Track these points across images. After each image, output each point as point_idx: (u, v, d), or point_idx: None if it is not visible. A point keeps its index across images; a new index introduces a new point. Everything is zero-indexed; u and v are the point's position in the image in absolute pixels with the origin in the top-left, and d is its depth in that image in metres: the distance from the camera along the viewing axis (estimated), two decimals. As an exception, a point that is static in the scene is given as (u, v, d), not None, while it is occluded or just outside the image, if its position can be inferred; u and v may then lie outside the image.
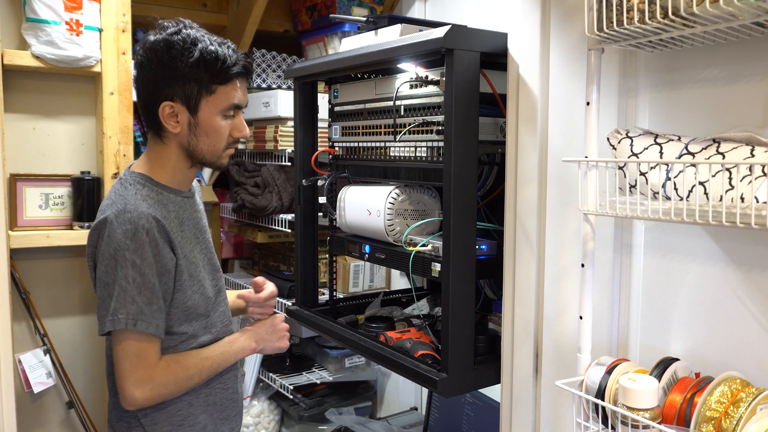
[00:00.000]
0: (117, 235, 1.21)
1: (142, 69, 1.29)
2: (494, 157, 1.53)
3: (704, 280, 1.09)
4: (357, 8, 2.27)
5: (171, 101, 1.27)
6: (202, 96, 1.28)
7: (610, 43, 1.05)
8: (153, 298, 1.23)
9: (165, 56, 1.25)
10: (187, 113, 1.28)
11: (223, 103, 1.30)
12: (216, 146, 1.33)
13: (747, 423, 0.90)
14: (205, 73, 1.26)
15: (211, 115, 1.30)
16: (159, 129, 1.31)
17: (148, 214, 1.23)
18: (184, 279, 1.30)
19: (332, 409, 2.32)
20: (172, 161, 1.34)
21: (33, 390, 1.99)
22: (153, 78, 1.27)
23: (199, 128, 1.30)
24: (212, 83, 1.28)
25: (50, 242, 1.99)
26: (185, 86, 1.26)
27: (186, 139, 1.31)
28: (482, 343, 1.46)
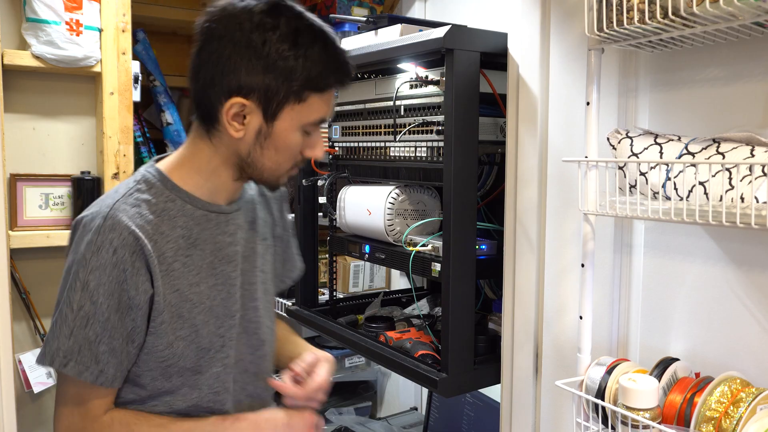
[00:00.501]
0: (79, 246, 0.96)
1: (213, 40, 0.94)
2: (494, 157, 1.53)
3: (704, 280, 1.09)
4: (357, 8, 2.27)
5: (245, 98, 0.94)
6: (287, 102, 0.96)
7: (610, 43, 1.05)
8: (103, 337, 0.94)
9: (256, 32, 0.92)
10: (261, 118, 0.96)
11: (310, 116, 0.98)
12: (282, 165, 1.02)
13: (747, 423, 0.90)
14: (304, 71, 0.94)
15: (291, 127, 0.98)
16: (213, 124, 0.98)
17: (124, 227, 0.94)
18: (163, 319, 0.98)
19: (332, 409, 2.31)
20: (212, 165, 1.02)
21: (33, 390, 1.99)
22: (227, 57, 0.93)
23: (269, 140, 0.98)
24: (306, 89, 0.96)
25: (50, 242, 1.98)
26: (271, 83, 0.94)
27: (247, 149, 0.99)
28: (482, 343, 1.46)
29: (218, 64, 0.94)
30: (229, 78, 0.94)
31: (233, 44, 0.93)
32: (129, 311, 0.96)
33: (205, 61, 0.96)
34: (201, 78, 0.97)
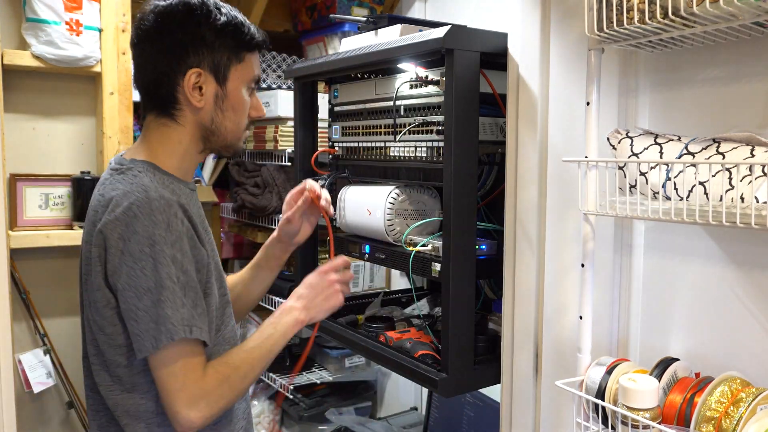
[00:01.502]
0: (147, 228, 1.01)
1: (152, 36, 1.10)
2: (494, 157, 1.53)
3: (704, 280, 1.09)
4: (357, 8, 2.27)
5: (198, 68, 1.10)
6: (231, 64, 1.13)
7: (610, 43, 1.05)
8: (197, 300, 1.05)
9: (187, 20, 1.09)
10: (215, 84, 1.12)
11: (250, 73, 1.16)
12: (239, 125, 1.17)
13: (747, 423, 0.90)
14: (233, 38, 1.12)
15: (239, 86, 1.15)
16: (173, 106, 1.12)
17: (175, 202, 1.05)
18: (209, 279, 1.12)
19: (332, 409, 2.32)
20: (183, 145, 1.15)
21: (33, 390, 1.99)
22: (172, 45, 1.09)
23: (226, 101, 1.14)
24: (241, 50, 1.14)
25: (50, 242, 1.99)
26: (214, 53, 1.11)
27: (209, 116, 1.14)
28: (482, 343, 1.46)
29: (166, 52, 1.10)
30: (179, 59, 1.10)
31: (171, 34, 1.09)
32: (200, 272, 1.08)
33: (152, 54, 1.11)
34: (151, 69, 1.11)
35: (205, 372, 1.05)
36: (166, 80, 1.11)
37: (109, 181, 1.10)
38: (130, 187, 1.05)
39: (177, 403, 1.02)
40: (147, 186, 1.05)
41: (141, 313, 1.01)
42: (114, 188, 1.06)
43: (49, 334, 2.07)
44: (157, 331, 1.00)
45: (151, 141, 1.15)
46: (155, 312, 1.00)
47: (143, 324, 1.01)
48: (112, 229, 1.02)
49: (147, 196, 1.03)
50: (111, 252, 1.02)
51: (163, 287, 1.00)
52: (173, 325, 1.00)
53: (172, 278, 1.01)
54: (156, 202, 1.02)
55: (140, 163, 1.11)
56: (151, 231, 1.01)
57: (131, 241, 1.00)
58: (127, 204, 1.02)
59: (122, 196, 1.04)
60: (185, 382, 1.03)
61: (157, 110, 1.14)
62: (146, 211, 1.01)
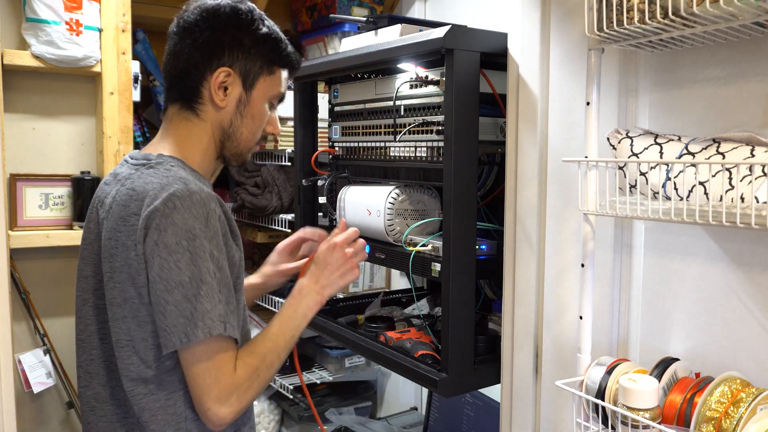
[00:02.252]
0: (187, 221, 0.98)
1: (193, 28, 1.11)
2: (494, 157, 1.53)
3: (704, 280, 1.09)
4: (357, 8, 2.27)
5: (230, 68, 1.12)
6: (262, 74, 1.15)
7: (610, 43, 1.05)
8: (230, 297, 1.04)
9: (230, 21, 1.11)
10: (241, 88, 1.13)
11: (275, 88, 1.18)
12: (255, 134, 1.18)
13: (747, 423, 0.90)
14: (270, 50, 1.14)
15: (263, 97, 1.16)
16: (196, 99, 1.13)
17: (213, 197, 1.04)
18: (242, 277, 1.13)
19: (332, 409, 2.32)
20: (203, 143, 1.15)
21: (33, 390, 1.99)
22: (210, 40, 1.10)
23: (248, 108, 1.15)
24: (274, 63, 1.16)
25: (50, 242, 1.99)
26: (247, 58, 1.13)
27: (229, 118, 1.14)
28: (482, 343, 1.46)
29: (203, 46, 1.11)
30: (214, 55, 1.11)
31: (212, 31, 1.11)
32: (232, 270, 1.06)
33: (190, 46, 1.11)
34: (184, 60, 1.12)
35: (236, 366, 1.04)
36: (194, 72, 1.12)
37: (137, 175, 1.06)
38: (166, 180, 1.02)
39: (209, 400, 1.00)
40: (185, 178, 1.03)
41: (170, 307, 0.98)
42: (147, 182, 1.03)
43: (49, 334, 2.07)
44: (191, 326, 0.97)
45: (174, 136, 1.14)
46: (190, 307, 0.97)
47: (171, 318, 0.98)
48: (152, 220, 0.98)
49: (187, 188, 1.01)
50: (147, 243, 0.98)
51: (202, 281, 0.98)
52: (212, 320, 0.98)
53: (210, 273, 0.99)
54: (196, 195, 1.00)
55: (169, 158, 1.10)
56: (191, 224, 0.98)
57: (168, 233, 0.98)
58: (166, 195, 0.99)
59: (160, 188, 1.01)
60: (218, 377, 1.01)
61: (180, 102, 1.14)
62: (187, 204, 0.99)
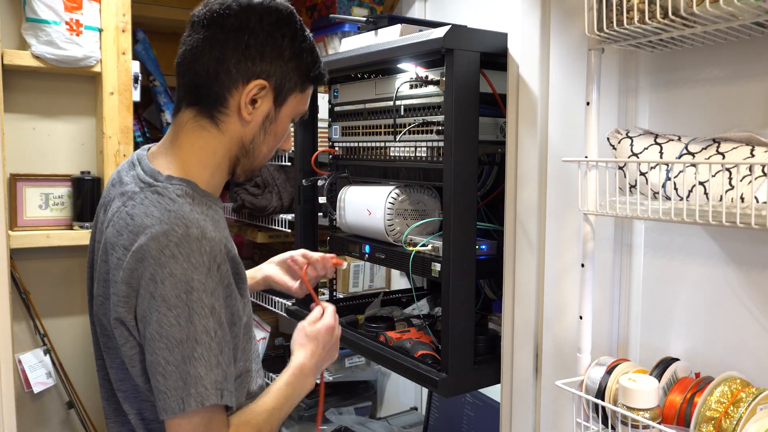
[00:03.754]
0: (186, 271, 0.88)
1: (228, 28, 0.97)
2: (494, 157, 1.53)
3: (704, 280, 1.09)
4: (357, 8, 2.27)
5: (266, 81, 1.00)
6: (295, 90, 1.04)
7: (610, 43, 1.05)
8: (231, 358, 0.94)
9: (275, 27, 0.99)
10: (272, 103, 1.02)
11: (303, 106, 1.08)
12: (272, 152, 1.09)
13: (747, 423, 0.90)
14: (308, 65, 1.04)
15: (290, 115, 1.06)
16: (219, 108, 1.00)
17: (219, 241, 0.93)
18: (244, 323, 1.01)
19: (332, 409, 2.32)
20: (217, 158, 1.02)
21: (33, 390, 1.99)
22: (248, 45, 0.98)
23: (274, 125, 1.05)
24: (307, 80, 1.05)
25: (50, 242, 1.99)
26: (285, 72, 1.01)
27: (252, 134, 1.03)
28: (482, 343, 1.46)
29: (238, 51, 0.98)
30: (249, 64, 0.98)
31: (252, 35, 0.98)
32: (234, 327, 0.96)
33: (217, 47, 0.98)
34: (210, 63, 0.98)
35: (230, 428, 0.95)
36: (226, 78, 0.99)
37: (139, 198, 0.95)
38: (167, 217, 0.91)
39: None
40: (187, 219, 0.91)
41: (171, 368, 0.88)
42: (147, 213, 0.92)
43: (49, 334, 2.07)
44: (185, 392, 0.88)
45: (186, 146, 1.02)
46: (185, 369, 0.88)
47: (171, 381, 0.88)
48: (144, 267, 0.89)
49: (187, 233, 0.90)
50: (141, 294, 0.89)
51: (197, 342, 0.88)
52: (205, 388, 0.88)
53: (209, 332, 0.89)
54: (197, 243, 0.89)
55: (177, 182, 0.97)
56: (189, 275, 0.88)
57: (165, 285, 0.88)
58: (164, 240, 0.89)
59: (158, 227, 0.90)
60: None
61: (199, 107, 1.01)
62: (186, 252, 0.89)
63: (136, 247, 0.90)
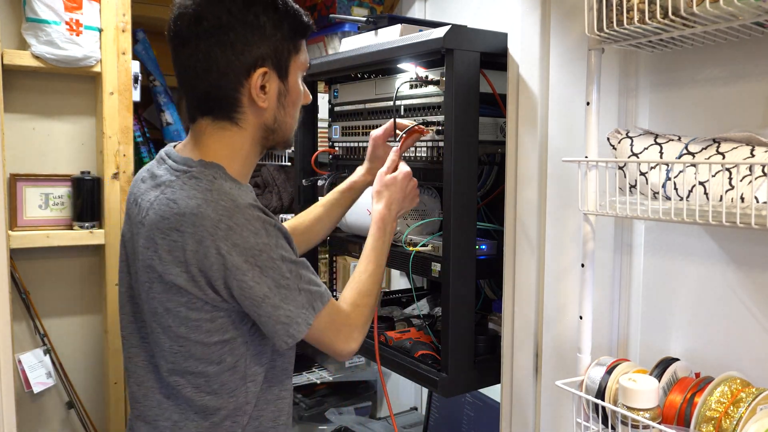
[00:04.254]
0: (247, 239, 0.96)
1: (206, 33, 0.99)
2: (494, 157, 1.53)
3: (704, 280, 1.09)
4: (357, 8, 2.27)
5: (264, 66, 1.02)
6: (291, 55, 1.05)
7: (611, 43, 1.05)
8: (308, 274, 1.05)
9: (245, 11, 0.99)
10: (278, 80, 1.05)
11: (304, 61, 1.09)
12: (296, 117, 1.13)
13: (747, 423, 0.90)
14: (290, 26, 1.04)
15: (297, 78, 1.09)
16: (234, 109, 1.04)
17: (262, 209, 1.01)
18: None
19: (332, 409, 2.32)
20: (245, 150, 1.07)
21: (33, 390, 1.99)
22: (232, 42, 0.99)
23: (288, 97, 1.08)
24: (297, 38, 1.06)
25: (50, 242, 1.98)
26: (276, 46, 1.02)
27: (273, 115, 1.07)
28: (482, 343, 1.46)
29: (227, 52, 1.00)
30: (241, 60, 1.00)
31: (229, 30, 0.99)
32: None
33: (207, 55, 1.00)
34: (208, 72, 1.01)
35: (345, 311, 1.11)
36: (227, 83, 1.02)
37: (178, 184, 1.00)
38: (211, 196, 0.97)
39: (337, 346, 1.09)
40: (230, 193, 0.98)
41: (264, 319, 1.01)
42: (189, 195, 0.98)
43: (49, 334, 2.07)
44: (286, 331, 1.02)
45: (210, 145, 1.06)
46: (278, 315, 1.00)
47: (269, 327, 1.02)
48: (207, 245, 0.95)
49: (235, 205, 0.97)
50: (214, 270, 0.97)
51: (279, 287, 1.00)
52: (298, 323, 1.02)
53: (285, 276, 1.00)
54: (247, 210, 0.97)
55: (211, 165, 1.02)
56: (252, 242, 0.97)
57: (233, 255, 0.96)
58: (215, 216, 0.95)
59: (204, 205, 0.96)
60: (337, 329, 1.08)
61: (214, 115, 1.05)
62: (241, 222, 0.96)
63: (192, 230, 0.96)
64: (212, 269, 0.97)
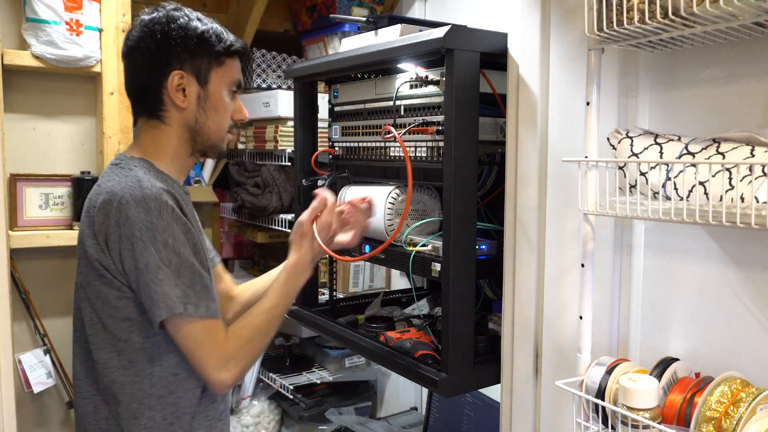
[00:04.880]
0: (139, 214, 1.10)
1: (139, 45, 1.21)
2: (494, 157, 1.53)
3: (704, 280, 1.09)
4: (357, 8, 2.27)
5: (181, 70, 1.21)
6: (212, 66, 1.24)
7: (610, 43, 1.05)
8: (194, 279, 1.14)
9: (170, 28, 1.20)
10: (197, 85, 1.23)
11: (230, 77, 1.27)
12: (222, 125, 1.27)
13: (747, 423, 0.90)
14: (212, 44, 1.23)
15: (220, 88, 1.25)
16: (159, 107, 1.23)
17: (166, 191, 1.14)
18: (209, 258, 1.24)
19: (332, 409, 2.32)
20: (172, 145, 1.25)
21: (33, 390, 1.99)
22: (156, 51, 1.20)
23: (208, 102, 1.25)
24: (220, 55, 1.24)
25: (50, 242, 1.99)
26: (195, 57, 1.22)
27: (193, 116, 1.24)
28: (482, 343, 1.46)
29: (152, 57, 1.21)
30: (164, 62, 1.21)
31: (158, 39, 1.20)
32: (197, 255, 1.15)
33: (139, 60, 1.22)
34: (138, 74, 1.24)
35: (228, 336, 1.17)
36: (152, 83, 1.22)
37: (107, 174, 1.20)
38: (124, 179, 1.15)
39: (207, 368, 1.15)
40: (140, 177, 1.14)
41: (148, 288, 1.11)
42: (110, 180, 1.17)
43: (49, 334, 2.07)
44: (157, 308, 1.11)
45: (143, 142, 1.26)
46: (153, 290, 1.10)
47: (146, 300, 1.12)
48: (110, 216, 1.12)
49: (140, 185, 1.12)
50: (111, 239, 1.12)
51: (158, 268, 1.10)
52: (173, 301, 1.10)
53: (163, 261, 1.10)
54: (147, 191, 1.12)
55: (137, 159, 1.21)
56: (143, 217, 1.10)
57: (126, 227, 1.11)
58: (121, 193, 1.12)
59: (117, 186, 1.14)
60: (210, 350, 1.14)
61: (146, 113, 1.25)
62: (138, 199, 1.11)
63: (100, 203, 1.13)
64: (110, 239, 1.12)
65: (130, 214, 1.10)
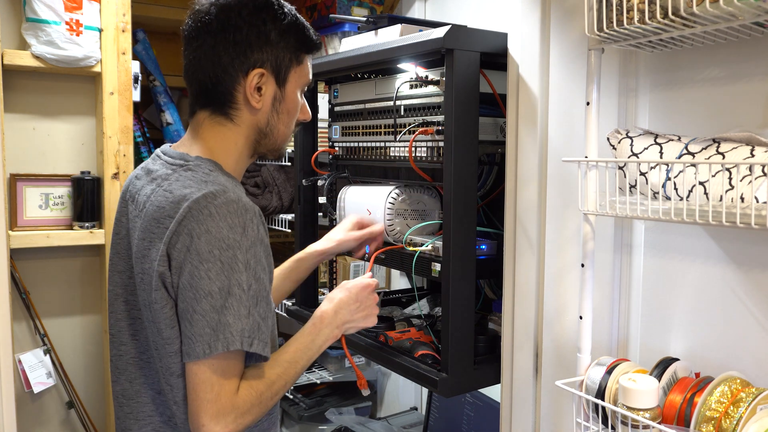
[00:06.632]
0: (221, 229, 0.96)
1: (214, 31, 1.06)
2: (494, 157, 1.53)
3: (704, 280, 1.09)
4: (357, 8, 2.27)
5: (262, 68, 1.08)
6: (292, 65, 1.11)
7: (610, 43, 1.05)
8: (268, 312, 1.01)
9: (253, 16, 1.06)
10: (275, 85, 1.10)
11: (305, 76, 1.15)
12: (290, 127, 1.16)
13: (747, 423, 0.90)
14: (296, 39, 1.10)
15: (295, 89, 1.13)
16: (230, 104, 1.09)
17: (252, 206, 1.00)
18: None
19: (332, 409, 2.32)
20: (238, 147, 1.11)
21: (33, 390, 1.99)
22: (236, 42, 1.05)
23: (283, 104, 1.12)
24: (301, 52, 1.12)
25: (50, 242, 1.99)
26: (277, 53, 1.08)
27: (266, 118, 1.11)
28: (482, 343, 1.46)
29: (229, 49, 1.06)
30: (243, 57, 1.06)
31: (236, 30, 1.06)
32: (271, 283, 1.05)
33: (212, 51, 1.07)
34: (210, 68, 1.07)
35: (240, 387, 1.00)
36: (226, 78, 1.07)
37: (174, 177, 1.04)
38: (205, 185, 0.99)
39: (205, 416, 0.96)
40: (225, 186, 1.00)
41: (197, 316, 0.95)
42: (185, 185, 1.01)
43: (49, 334, 2.07)
44: (213, 338, 0.95)
45: (207, 140, 1.10)
46: (215, 318, 0.95)
47: (197, 328, 0.95)
48: (184, 225, 0.96)
49: (226, 197, 0.98)
50: (177, 248, 0.96)
51: (230, 294, 0.95)
52: (231, 335, 0.95)
53: (242, 286, 0.96)
54: (235, 204, 0.98)
55: (207, 161, 1.07)
56: (225, 233, 0.96)
57: (201, 240, 0.95)
58: (204, 202, 0.97)
59: (198, 193, 0.98)
60: (219, 394, 0.97)
61: (211, 107, 1.10)
62: (223, 212, 0.97)
63: (180, 213, 0.97)
64: (176, 247, 0.96)
65: (210, 226, 0.96)
